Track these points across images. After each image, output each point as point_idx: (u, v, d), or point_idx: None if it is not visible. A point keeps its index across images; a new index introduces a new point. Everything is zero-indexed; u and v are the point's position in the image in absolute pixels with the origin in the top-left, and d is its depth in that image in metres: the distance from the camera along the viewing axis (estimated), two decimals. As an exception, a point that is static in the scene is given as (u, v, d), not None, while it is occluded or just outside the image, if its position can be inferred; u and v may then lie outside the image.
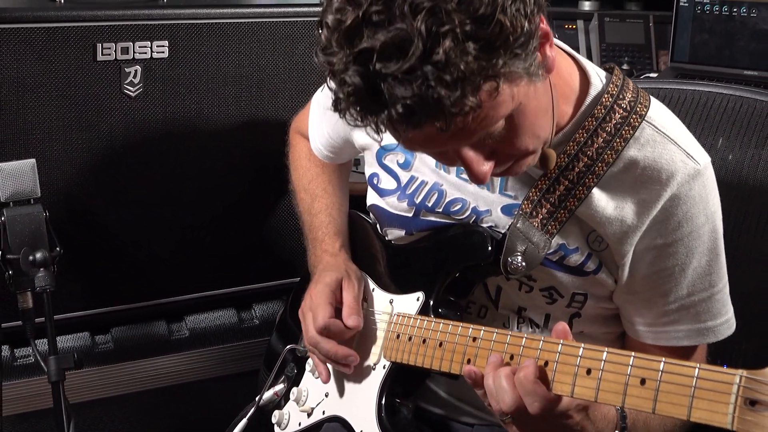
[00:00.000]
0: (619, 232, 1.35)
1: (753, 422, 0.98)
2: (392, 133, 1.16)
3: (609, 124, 1.34)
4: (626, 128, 1.34)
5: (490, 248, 1.39)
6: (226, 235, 2.17)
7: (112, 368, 2.09)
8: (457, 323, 1.35)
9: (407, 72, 1.06)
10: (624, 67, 2.91)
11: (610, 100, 1.35)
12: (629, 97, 1.36)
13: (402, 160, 1.51)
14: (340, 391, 1.56)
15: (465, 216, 1.45)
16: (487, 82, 1.09)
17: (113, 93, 1.97)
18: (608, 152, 1.34)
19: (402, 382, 1.49)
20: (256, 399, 1.65)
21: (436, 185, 1.47)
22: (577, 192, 1.35)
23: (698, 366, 1.04)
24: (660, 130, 1.36)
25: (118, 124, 1.99)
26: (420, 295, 1.46)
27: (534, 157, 1.28)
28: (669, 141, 1.35)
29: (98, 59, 1.93)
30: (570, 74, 1.37)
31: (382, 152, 1.53)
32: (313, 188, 1.74)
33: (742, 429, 0.98)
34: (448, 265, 1.44)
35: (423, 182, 1.48)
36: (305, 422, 1.60)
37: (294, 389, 1.64)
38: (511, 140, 1.20)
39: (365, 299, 1.57)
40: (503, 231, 1.40)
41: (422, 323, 1.41)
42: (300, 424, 1.61)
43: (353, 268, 1.60)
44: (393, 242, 1.56)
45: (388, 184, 1.53)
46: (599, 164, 1.34)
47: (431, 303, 1.44)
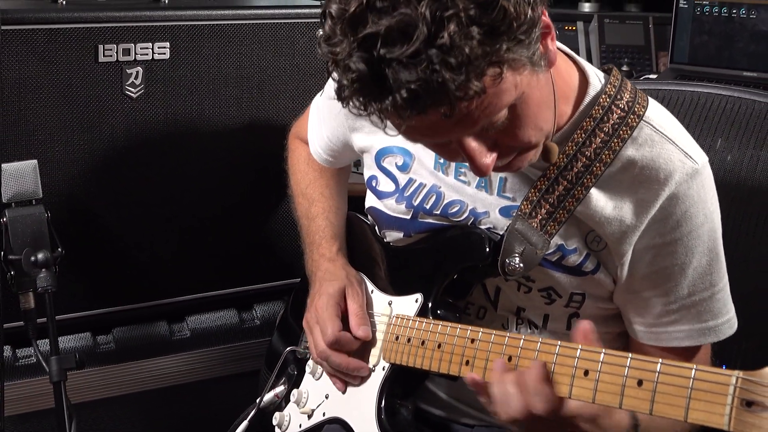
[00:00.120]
0: (618, 232, 1.35)
1: (750, 423, 0.98)
2: (395, 121, 1.16)
3: (607, 125, 1.34)
4: (624, 128, 1.34)
5: (488, 250, 1.39)
6: (227, 236, 2.18)
7: (113, 368, 2.10)
8: (455, 325, 1.35)
9: (412, 56, 1.06)
10: (624, 68, 2.91)
11: (607, 100, 1.35)
12: (627, 97, 1.36)
13: (400, 163, 1.50)
14: (341, 393, 1.55)
15: (463, 218, 1.45)
16: (491, 68, 1.09)
17: (115, 94, 1.97)
18: (606, 152, 1.34)
19: (401, 384, 1.49)
20: (257, 401, 1.65)
21: (434, 187, 1.47)
22: (576, 192, 1.35)
23: (695, 367, 1.04)
24: (658, 129, 1.36)
25: (119, 125, 2.00)
26: (418, 296, 1.46)
27: (536, 152, 1.28)
28: (667, 140, 1.35)
29: (100, 60, 1.93)
30: (569, 74, 1.37)
31: (381, 155, 1.53)
32: (310, 192, 1.73)
33: (738, 430, 0.98)
34: (446, 266, 1.44)
35: (421, 184, 1.48)
36: (306, 424, 1.60)
37: (294, 391, 1.63)
38: (513, 131, 1.20)
39: (365, 303, 1.57)
40: (501, 232, 1.40)
41: (421, 325, 1.41)
42: (300, 426, 1.60)
43: (353, 272, 1.60)
44: (391, 244, 1.56)
45: (387, 187, 1.52)
46: (597, 164, 1.34)
47: (430, 304, 1.44)
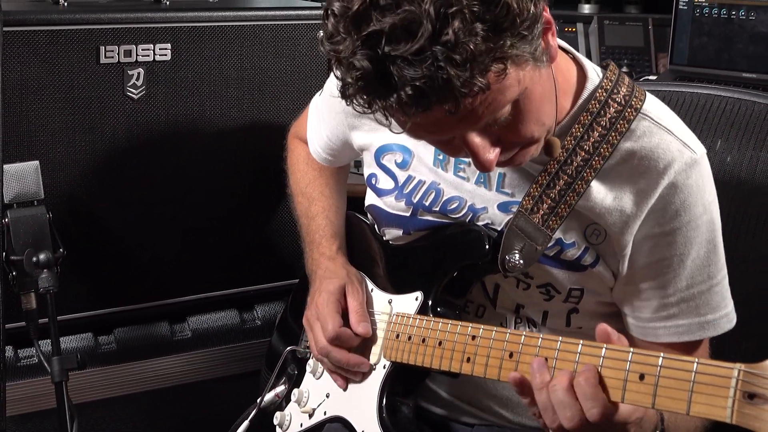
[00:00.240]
0: (619, 222, 1.36)
1: (752, 415, 0.98)
2: (400, 118, 1.16)
3: (604, 119, 1.35)
4: (621, 122, 1.35)
5: (487, 247, 1.39)
6: (229, 237, 2.18)
7: (114, 369, 2.10)
8: (456, 322, 1.35)
9: (416, 53, 1.06)
10: (623, 69, 2.90)
11: (604, 95, 1.36)
12: (624, 91, 1.37)
13: (400, 160, 1.51)
14: (341, 392, 1.56)
15: (462, 214, 1.45)
16: (495, 64, 1.10)
17: (116, 95, 1.98)
18: (604, 146, 1.34)
19: (402, 382, 1.49)
20: (258, 401, 1.65)
21: (433, 184, 1.47)
22: (577, 186, 1.35)
23: (697, 360, 1.04)
24: (656, 121, 1.37)
25: (121, 126, 2.00)
26: (418, 294, 1.46)
27: (537, 146, 1.28)
28: (665, 131, 1.36)
29: (101, 62, 1.94)
30: (568, 69, 1.38)
31: (380, 152, 1.53)
32: (310, 191, 1.74)
33: (740, 422, 0.98)
34: (445, 264, 1.45)
35: (420, 182, 1.49)
36: (307, 423, 1.60)
37: (295, 390, 1.63)
38: (516, 127, 1.21)
39: (365, 301, 1.57)
40: (500, 228, 1.40)
41: (421, 323, 1.42)
42: (301, 425, 1.61)
43: (353, 271, 1.60)
44: (391, 242, 1.57)
45: (386, 184, 1.53)
46: (596, 158, 1.35)
47: (430, 302, 1.45)
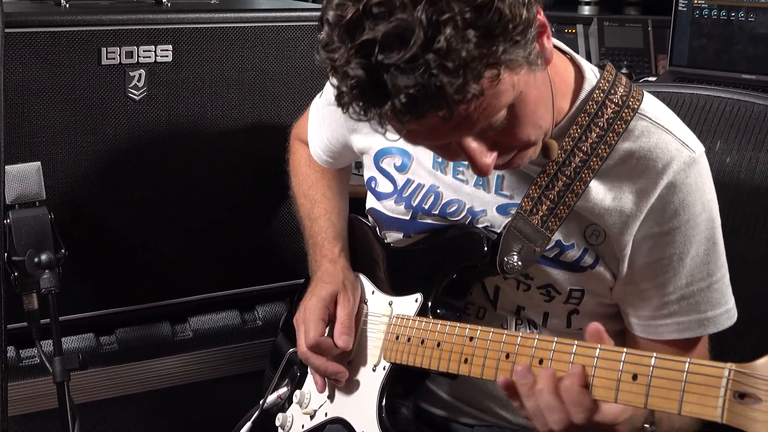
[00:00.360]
0: (618, 222, 1.36)
1: (742, 415, 0.98)
2: (395, 125, 1.16)
3: (601, 119, 1.35)
4: (619, 122, 1.35)
5: (486, 249, 1.40)
6: (230, 237, 2.18)
7: (116, 369, 2.10)
8: (454, 323, 1.36)
9: (409, 61, 1.06)
10: (623, 71, 2.92)
11: (601, 95, 1.36)
12: (621, 92, 1.37)
13: (399, 163, 1.51)
14: (342, 393, 1.56)
15: (461, 217, 1.46)
16: (488, 70, 1.10)
17: (118, 96, 1.98)
18: (602, 147, 1.35)
19: (402, 383, 1.50)
20: (260, 402, 1.65)
21: (432, 187, 1.48)
22: (575, 187, 1.35)
23: (688, 360, 1.05)
24: (654, 121, 1.37)
25: (122, 128, 2.00)
26: (418, 296, 1.47)
27: (535, 149, 1.28)
28: (663, 131, 1.36)
29: (103, 63, 1.94)
30: (565, 70, 1.38)
31: (380, 156, 1.54)
32: (312, 194, 1.74)
33: (731, 422, 0.99)
34: (445, 266, 1.45)
35: (420, 185, 1.49)
36: (308, 424, 1.61)
37: (297, 392, 1.64)
38: (512, 130, 1.21)
39: (365, 302, 1.58)
40: (499, 231, 1.41)
41: (420, 324, 1.42)
42: (303, 427, 1.61)
43: (351, 277, 1.60)
44: (392, 245, 1.57)
45: (385, 188, 1.53)
46: (594, 159, 1.35)
47: (429, 304, 1.45)
